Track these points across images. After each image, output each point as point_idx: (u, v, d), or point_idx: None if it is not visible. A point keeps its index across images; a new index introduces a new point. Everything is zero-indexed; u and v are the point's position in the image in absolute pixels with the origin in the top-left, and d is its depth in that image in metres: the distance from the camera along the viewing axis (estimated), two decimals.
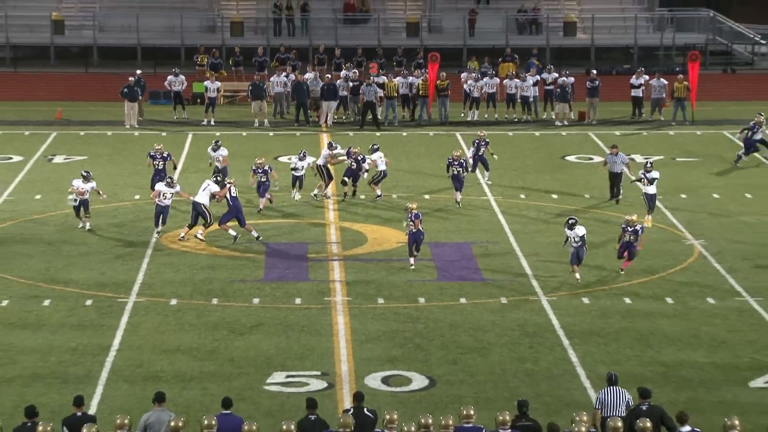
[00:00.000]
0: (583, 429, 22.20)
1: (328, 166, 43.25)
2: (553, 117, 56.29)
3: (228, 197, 38.20)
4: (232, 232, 38.33)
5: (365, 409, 23.31)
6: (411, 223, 36.07)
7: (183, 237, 38.35)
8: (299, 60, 60.90)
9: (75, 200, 39.49)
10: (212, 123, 55.46)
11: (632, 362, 29.66)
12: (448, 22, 70.50)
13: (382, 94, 55.38)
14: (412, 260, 36.24)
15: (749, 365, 29.52)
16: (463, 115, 56.51)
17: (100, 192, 40.00)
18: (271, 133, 54.31)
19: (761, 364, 29.54)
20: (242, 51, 63.21)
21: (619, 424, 22.10)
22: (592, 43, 68.56)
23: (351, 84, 56.29)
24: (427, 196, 43.84)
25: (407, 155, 50.13)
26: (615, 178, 42.97)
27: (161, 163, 42.07)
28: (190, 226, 38.26)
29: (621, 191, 42.90)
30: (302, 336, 31.30)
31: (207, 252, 37.53)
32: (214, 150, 43.72)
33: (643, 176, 40.22)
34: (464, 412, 22.43)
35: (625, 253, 35.59)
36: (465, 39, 68.60)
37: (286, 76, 56.66)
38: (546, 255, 37.16)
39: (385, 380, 28.68)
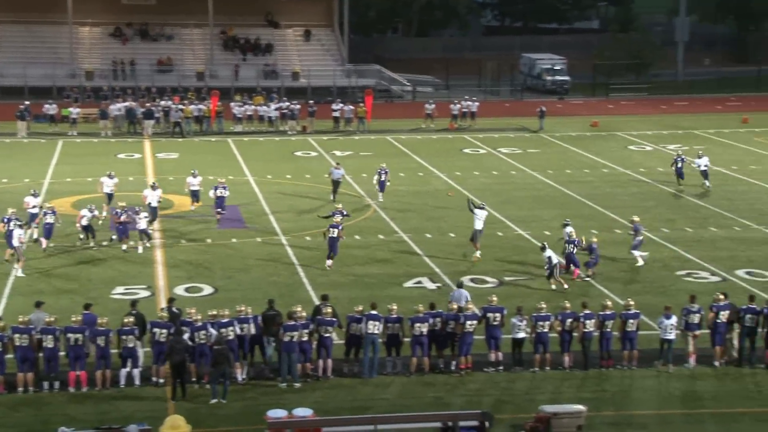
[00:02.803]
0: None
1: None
2: (287, 129, 56.22)
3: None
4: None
5: (173, 308, 23.16)
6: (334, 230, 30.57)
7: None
8: (132, 94, 59.65)
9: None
10: (75, 134, 53.63)
11: (337, 275, 29.92)
12: (222, 71, 69.60)
13: (183, 115, 54.48)
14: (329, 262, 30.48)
15: (404, 274, 30.19)
16: (233, 128, 55.98)
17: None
18: (113, 140, 52.83)
19: (411, 273, 30.22)
20: (93, 89, 61.35)
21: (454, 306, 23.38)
22: (309, 85, 68.59)
23: (164, 110, 55.34)
24: (211, 177, 43.36)
25: (199, 153, 49.48)
26: (336, 185, 38.72)
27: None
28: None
29: (336, 196, 38.56)
30: (135, 265, 30.72)
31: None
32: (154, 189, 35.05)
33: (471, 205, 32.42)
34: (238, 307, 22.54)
35: (570, 264, 29.80)
36: (233, 81, 67.84)
37: (122, 104, 55.44)
38: (283, 212, 37.17)
39: (187, 290, 28.43)
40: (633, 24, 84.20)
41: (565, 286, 28.69)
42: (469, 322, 22.78)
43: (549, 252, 29.13)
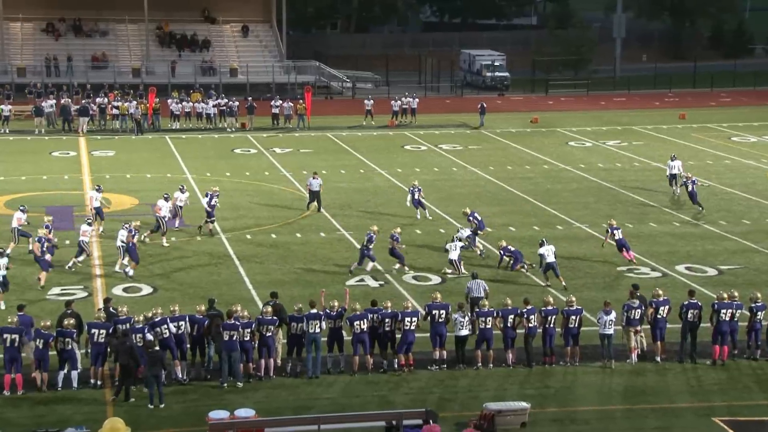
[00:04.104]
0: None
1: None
2: (226, 126, 55.84)
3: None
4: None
5: (111, 308, 22.89)
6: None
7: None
8: (67, 90, 58.75)
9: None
10: (7, 132, 52.69)
11: (278, 273, 29.87)
12: (158, 68, 68.92)
13: (141, 112, 53.84)
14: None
15: (346, 271, 30.05)
16: (170, 126, 55.42)
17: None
18: (46, 138, 52.01)
19: (354, 271, 30.18)
20: (26, 86, 60.33)
21: (486, 303, 23.53)
22: (248, 81, 68.17)
23: (99, 107, 54.67)
24: (148, 175, 42.97)
25: (136, 151, 48.92)
26: (313, 195, 36.74)
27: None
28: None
29: (320, 204, 36.95)
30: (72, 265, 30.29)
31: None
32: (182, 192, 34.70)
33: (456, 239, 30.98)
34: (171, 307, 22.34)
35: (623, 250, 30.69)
36: (169, 78, 67.19)
37: (55, 101, 54.62)
38: (223, 209, 36.87)
39: (125, 290, 28.08)
40: (571, 20, 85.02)
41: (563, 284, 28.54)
42: (408, 320, 22.74)
43: (544, 249, 28.80)
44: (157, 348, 21.24)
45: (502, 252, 30.20)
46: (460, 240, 30.65)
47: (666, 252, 32.45)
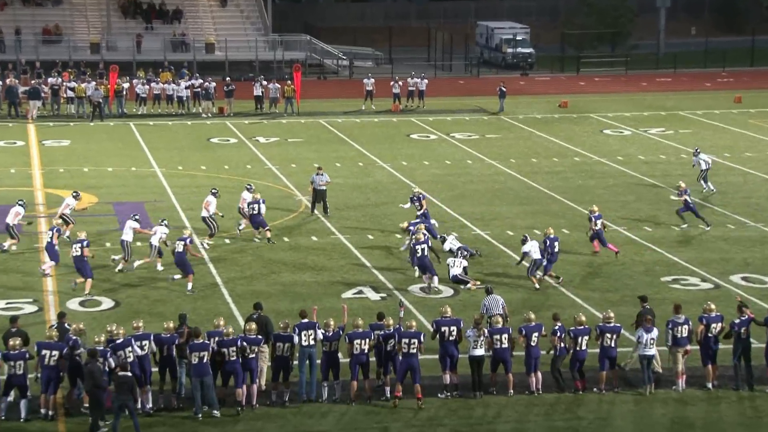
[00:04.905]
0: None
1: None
2: (200, 111, 55.89)
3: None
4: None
5: (65, 324, 22.92)
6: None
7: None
8: (14, 69, 58.87)
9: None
10: None
11: (262, 283, 29.88)
12: (121, 43, 69.02)
13: (103, 95, 53.86)
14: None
15: (342, 282, 30.15)
16: (135, 110, 55.44)
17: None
18: None
19: (350, 281, 30.21)
20: None
21: (500, 319, 23.48)
22: (226, 58, 68.22)
23: (51, 88, 54.72)
24: (110, 169, 43.08)
25: (95, 141, 48.97)
26: (317, 195, 36.51)
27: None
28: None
29: (327, 206, 36.71)
30: (18, 275, 30.28)
31: None
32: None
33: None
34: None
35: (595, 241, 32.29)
36: (134, 55, 67.28)
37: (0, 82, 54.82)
38: (198, 209, 36.74)
39: (82, 303, 28.10)
40: None
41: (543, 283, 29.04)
42: (405, 341, 22.59)
43: (529, 246, 29.47)
44: (129, 373, 21.09)
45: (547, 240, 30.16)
46: (451, 252, 30.98)
47: (719, 259, 32.45)
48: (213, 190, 33.99)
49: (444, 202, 38.58)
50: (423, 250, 29.46)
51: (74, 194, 34.20)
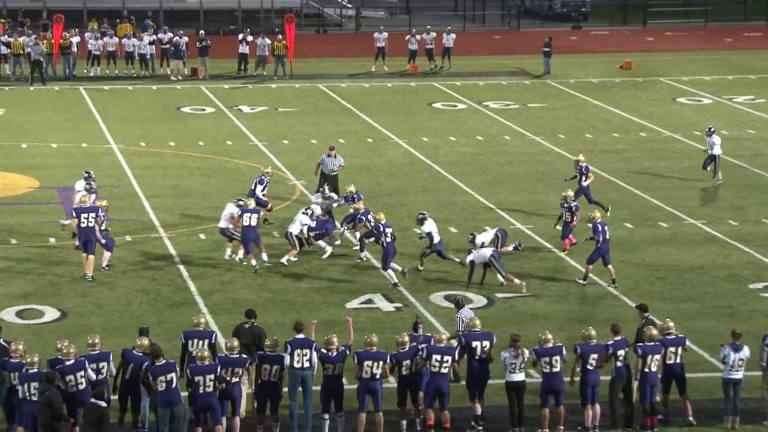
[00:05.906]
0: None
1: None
2: (169, 73, 55.98)
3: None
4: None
5: (2, 340, 22.85)
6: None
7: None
8: None
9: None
10: None
11: (245, 290, 29.89)
12: None
13: (44, 51, 53.93)
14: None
15: (347, 289, 30.13)
16: (87, 71, 55.56)
17: None
18: None
19: (357, 288, 30.18)
20: None
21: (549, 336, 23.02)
22: (201, 6, 68.31)
23: None
24: (54, 145, 43.11)
25: (38, 110, 49.07)
26: (329, 181, 36.49)
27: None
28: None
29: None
30: None
31: None
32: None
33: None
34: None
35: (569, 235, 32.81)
36: (85, 2, 67.36)
37: None
38: (164, 196, 36.89)
39: (20, 314, 28.12)
40: None
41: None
42: (437, 358, 22.64)
43: (429, 225, 31.00)
44: (103, 403, 20.75)
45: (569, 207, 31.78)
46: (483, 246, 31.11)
47: None
48: (239, 201, 31.93)
49: (475, 188, 38.52)
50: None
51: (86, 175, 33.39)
